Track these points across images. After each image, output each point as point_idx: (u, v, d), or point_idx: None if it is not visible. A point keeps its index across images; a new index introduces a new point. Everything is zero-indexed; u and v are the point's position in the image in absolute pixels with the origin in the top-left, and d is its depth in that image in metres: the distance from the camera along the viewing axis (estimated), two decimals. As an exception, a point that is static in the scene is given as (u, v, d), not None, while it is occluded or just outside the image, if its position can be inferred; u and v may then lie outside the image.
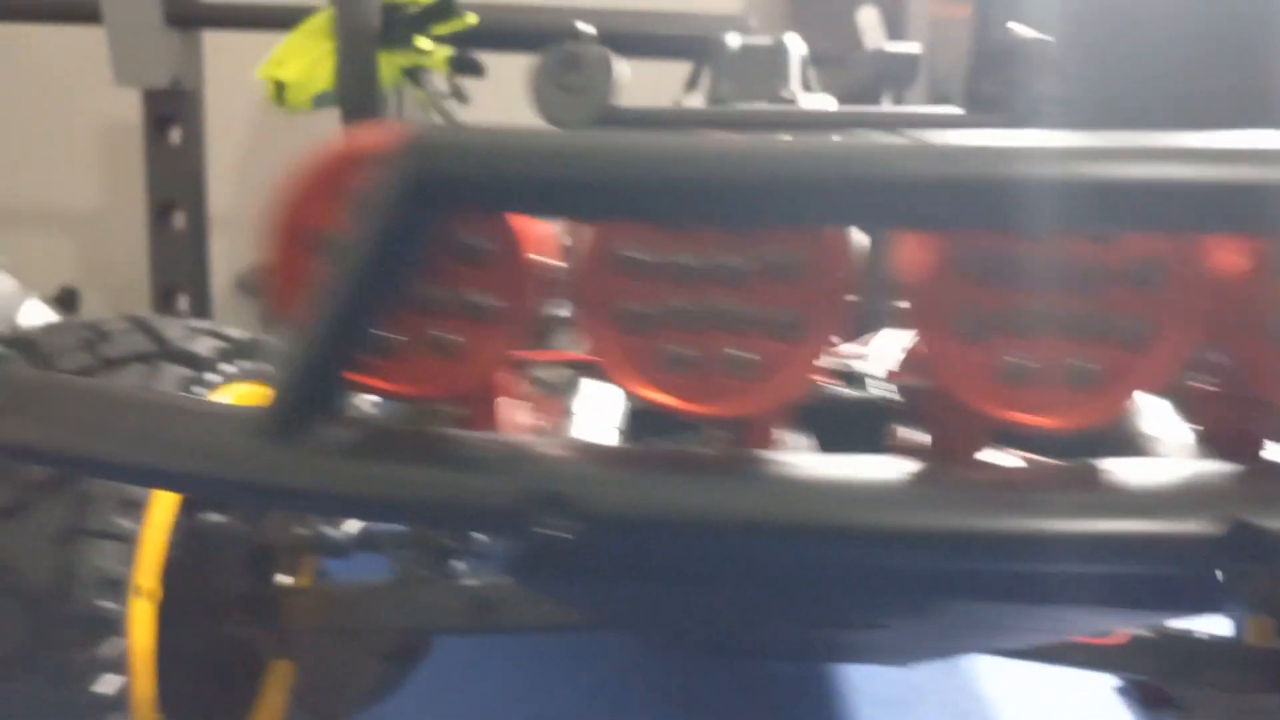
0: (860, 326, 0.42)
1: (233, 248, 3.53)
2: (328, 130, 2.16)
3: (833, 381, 0.46)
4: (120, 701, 0.57)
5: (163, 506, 0.60)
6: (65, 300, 3.44)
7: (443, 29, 1.85)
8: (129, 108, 2.60)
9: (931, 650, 0.63)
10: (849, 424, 0.44)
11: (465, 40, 1.93)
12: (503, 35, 2.15)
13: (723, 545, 0.33)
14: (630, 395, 0.35)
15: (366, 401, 0.42)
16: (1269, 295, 0.34)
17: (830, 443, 0.41)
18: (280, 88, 1.82)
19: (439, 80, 1.94)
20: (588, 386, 0.44)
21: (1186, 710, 0.63)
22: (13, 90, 3.36)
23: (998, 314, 0.33)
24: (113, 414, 0.35)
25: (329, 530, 0.70)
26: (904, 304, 0.34)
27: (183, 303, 2.34)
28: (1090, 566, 0.33)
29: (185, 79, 2.12)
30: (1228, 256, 0.34)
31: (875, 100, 2.55)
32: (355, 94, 1.81)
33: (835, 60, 2.53)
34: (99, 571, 0.55)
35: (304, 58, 1.83)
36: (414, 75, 1.88)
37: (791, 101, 1.24)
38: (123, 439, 0.35)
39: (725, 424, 0.38)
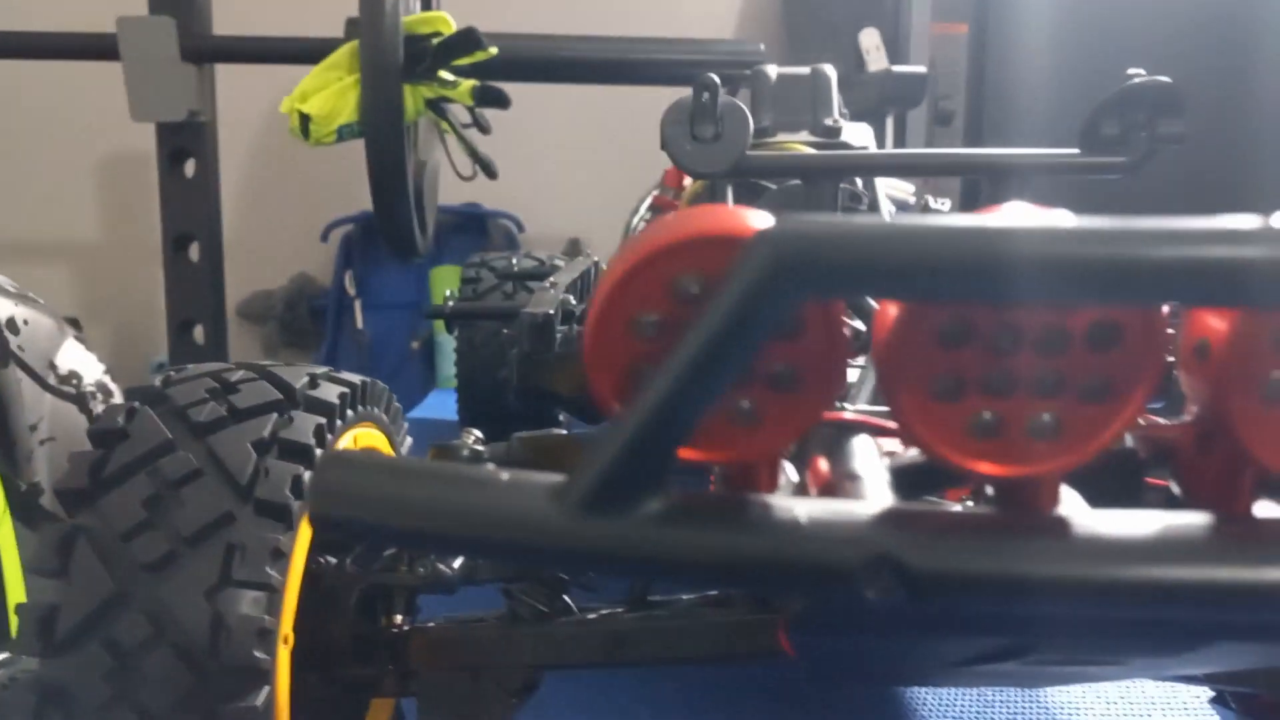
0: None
1: (233, 275, 3.53)
2: (333, 158, 2.17)
3: None
4: (271, 747, 0.58)
5: (300, 553, 0.61)
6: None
7: (465, 61, 1.87)
8: (130, 140, 2.61)
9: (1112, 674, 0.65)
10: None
11: (487, 72, 1.96)
12: (524, 66, 2.18)
13: (1031, 602, 0.35)
14: (930, 457, 0.37)
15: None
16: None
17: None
18: (305, 121, 1.83)
19: (461, 111, 1.96)
20: (854, 445, 0.46)
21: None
22: (9, 123, 3.36)
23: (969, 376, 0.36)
24: (445, 491, 0.37)
25: (442, 567, 0.71)
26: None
27: (199, 334, 2.35)
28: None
29: (201, 111, 2.13)
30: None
31: (881, 121, 2.59)
32: (380, 126, 1.82)
33: (843, 80, 2.57)
34: (251, 621, 0.56)
35: (327, 91, 1.84)
36: (437, 107, 1.90)
37: (836, 130, 1.26)
38: (460, 517, 0.36)
39: (1014, 484, 0.39)
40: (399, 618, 0.71)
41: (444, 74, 1.88)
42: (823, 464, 0.44)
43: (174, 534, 0.57)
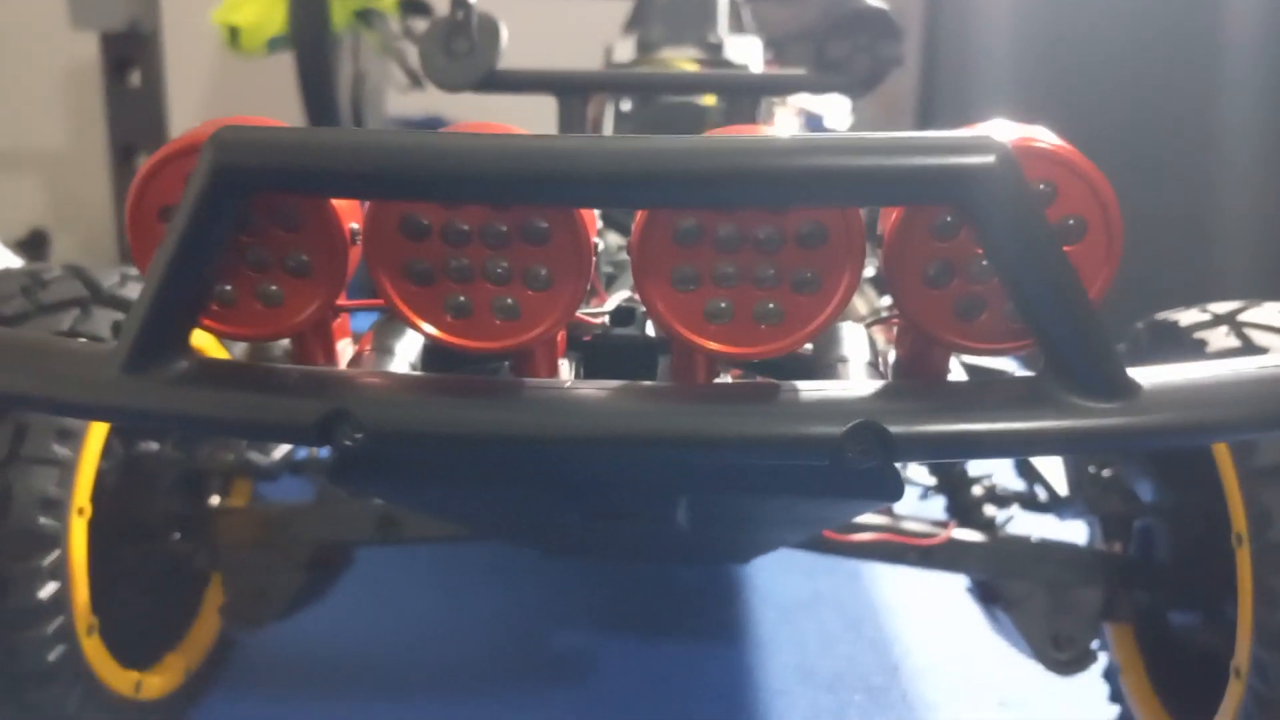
0: None
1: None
2: (284, 69, 2.19)
3: (603, 321, 0.54)
4: (59, 606, 0.64)
5: (97, 435, 0.67)
6: (35, 242, 3.47)
7: (393, -29, 1.88)
8: (91, 48, 2.62)
9: (733, 547, 0.71)
10: (628, 357, 0.52)
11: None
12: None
13: (472, 453, 0.42)
14: (672, 336, 0.44)
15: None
16: (911, 254, 0.44)
17: (612, 372, 0.49)
18: (235, 33, 1.85)
19: (392, 22, 1.98)
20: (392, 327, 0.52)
21: (1014, 603, 0.71)
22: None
23: (704, 268, 0.41)
24: (11, 357, 0.43)
25: (257, 456, 0.77)
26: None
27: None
28: (752, 459, 0.42)
29: (142, 22, 2.14)
30: (885, 223, 0.43)
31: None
32: (308, 38, 1.84)
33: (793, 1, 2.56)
34: (36, 492, 0.62)
35: (256, 3, 1.86)
36: (366, 18, 1.92)
37: (718, 46, 1.29)
38: (18, 377, 0.43)
39: (499, 357, 0.46)
40: (214, 500, 0.77)
41: (372, -15, 1.89)
42: (368, 341, 0.50)
43: (-34, 416, 0.63)
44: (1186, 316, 0.72)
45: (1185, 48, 2.67)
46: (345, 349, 0.50)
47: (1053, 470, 0.81)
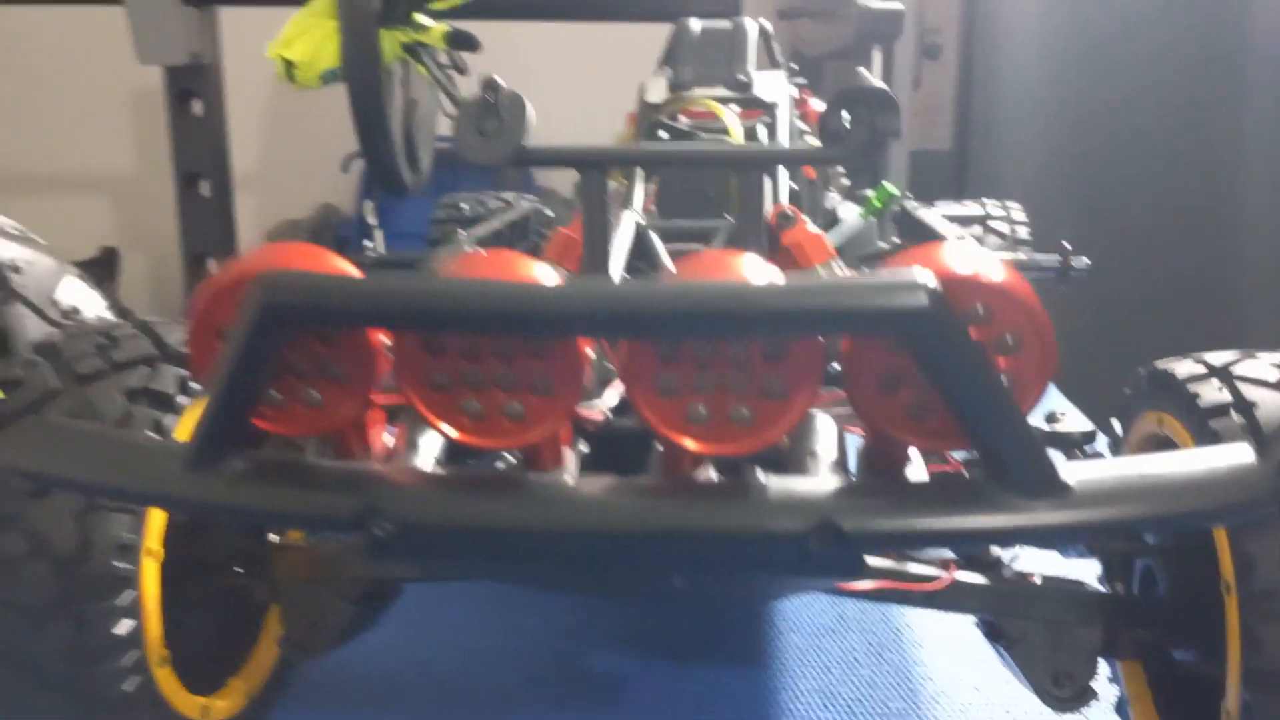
0: None
1: (260, 206, 3.68)
2: (339, 95, 2.26)
3: (605, 413, 0.59)
4: (133, 640, 0.71)
5: (165, 484, 0.74)
6: (106, 260, 3.61)
7: (440, 5, 1.95)
8: (156, 76, 2.72)
9: (731, 601, 0.76)
10: (627, 444, 0.58)
11: (468, 11, 2.03)
12: (501, 5, 2.25)
13: (484, 541, 0.48)
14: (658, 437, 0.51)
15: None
16: (865, 367, 0.49)
17: (614, 457, 0.55)
18: (289, 66, 1.93)
19: (439, 54, 2.04)
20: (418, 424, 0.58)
21: (1015, 641, 0.75)
22: (46, 63, 3.49)
23: (684, 379, 0.47)
24: (89, 448, 0.50)
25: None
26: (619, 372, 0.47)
27: (212, 267, 2.48)
28: (728, 550, 0.47)
29: (204, 54, 2.23)
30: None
31: (866, 55, 2.61)
32: (359, 71, 1.91)
33: (828, 15, 2.59)
34: (113, 538, 0.69)
35: (310, 37, 1.93)
36: (414, 51, 1.98)
37: (747, 84, 1.33)
38: (95, 468, 0.50)
39: (511, 452, 0.51)
40: (273, 537, 0.84)
41: (418, 18, 1.95)
42: (399, 437, 0.56)
43: (51, 469, 0.69)
44: (1183, 367, 0.75)
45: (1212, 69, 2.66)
46: (378, 431, 0.56)
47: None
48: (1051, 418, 0.84)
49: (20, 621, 0.68)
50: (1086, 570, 0.87)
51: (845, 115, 0.66)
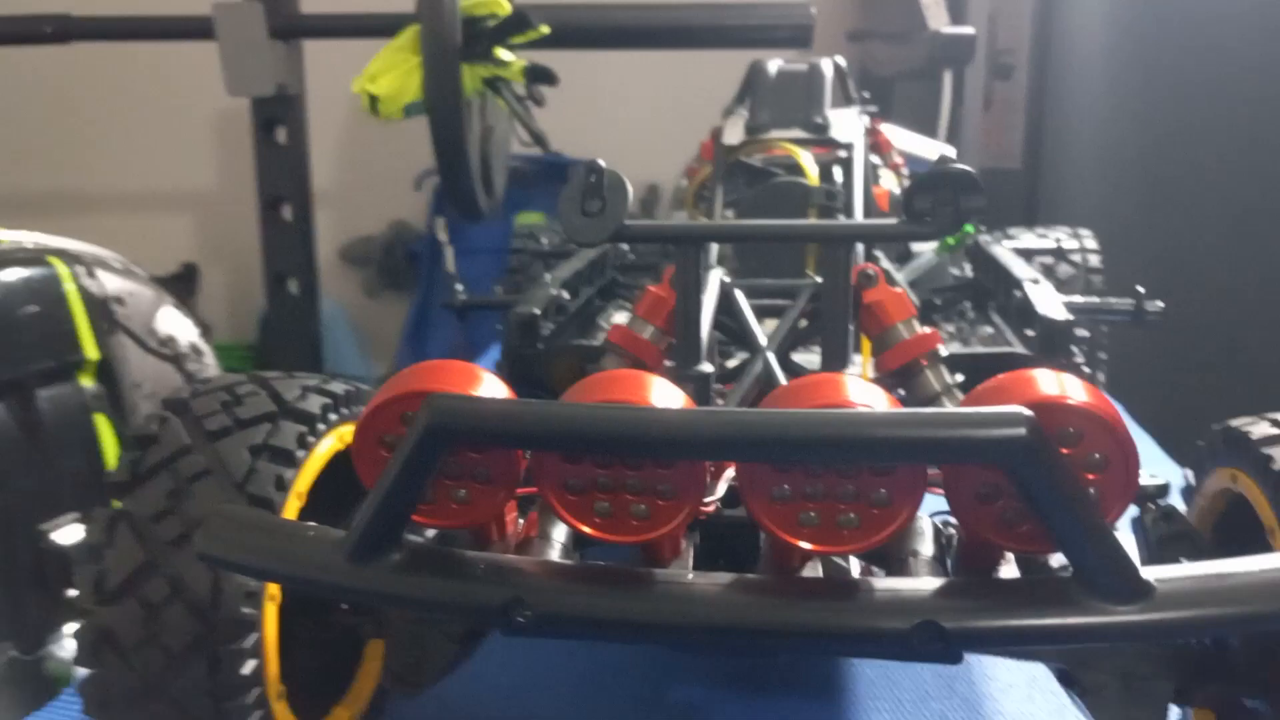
0: None
1: (334, 222, 3.79)
2: (414, 124, 2.32)
3: (716, 504, 0.64)
4: (256, 678, 0.77)
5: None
6: (186, 275, 3.74)
7: (519, 39, 2.01)
8: (238, 98, 2.81)
9: None
10: (736, 534, 0.63)
11: (542, 41, 2.09)
12: (576, 35, 2.30)
13: (613, 629, 0.53)
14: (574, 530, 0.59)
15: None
16: (966, 481, 0.55)
17: (723, 546, 0.61)
18: (374, 101, 2.01)
19: (518, 87, 2.11)
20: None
21: (1089, 691, 0.77)
22: (132, 84, 3.62)
23: (796, 488, 0.51)
24: (268, 539, 0.56)
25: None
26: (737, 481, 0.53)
27: (292, 286, 2.58)
28: (835, 648, 0.52)
29: (289, 85, 2.32)
30: None
31: (938, 77, 2.62)
32: (442, 105, 1.98)
33: (899, 37, 2.61)
34: (242, 585, 0.75)
35: (394, 72, 2.01)
36: (494, 85, 2.05)
37: (824, 127, 1.36)
38: (272, 558, 0.59)
39: (634, 546, 0.57)
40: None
41: (499, 52, 2.02)
42: (533, 526, 0.61)
43: (188, 519, 0.76)
44: (1258, 429, 0.77)
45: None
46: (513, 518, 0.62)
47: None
48: (1125, 471, 0.87)
49: (166, 661, 0.74)
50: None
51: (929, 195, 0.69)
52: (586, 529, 0.58)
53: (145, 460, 0.79)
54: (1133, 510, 0.85)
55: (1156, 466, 1.44)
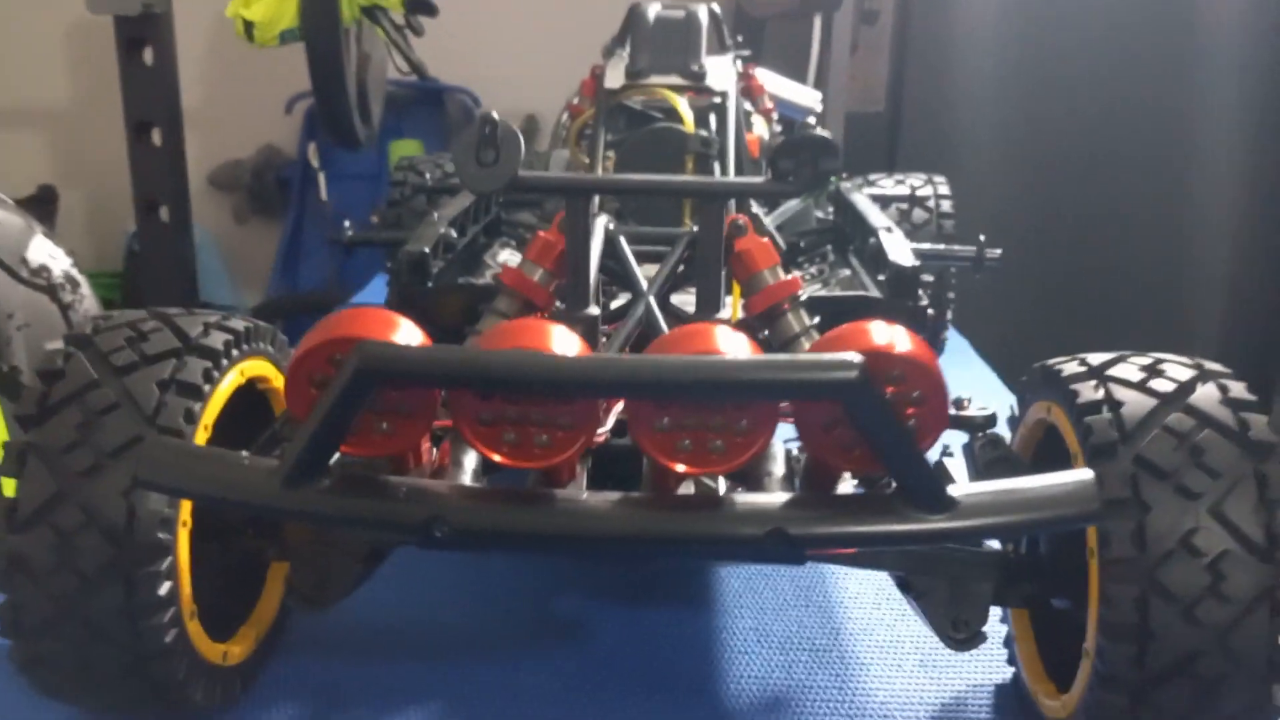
0: None
1: (204, 146, 3.68)
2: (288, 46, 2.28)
3: (609, 438, 0.73)
4: (171, 599, 0.82)
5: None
6: (44, 198, 3.58)
7: (397, -32, 2.01)
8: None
9: None
10: (624, 459, 0.72)
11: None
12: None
13: (520, 541, 0.62)
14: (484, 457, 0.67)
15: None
16: (812, 414, 0.67)
17: (612, 470, 0.70)
18: (249, 26, 1.98)
19: (395, 16, 2.10)
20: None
21: (921, 594, 0.89)
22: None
23: (674, 420, 0.60)
24: (206, 467, 0.65)
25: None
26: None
27: (163, 213, 2.52)
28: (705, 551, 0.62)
29: (155, 3, 2.25)
30: None
31: (808, 19, 2.71)
32: (318, 32, 1.97)
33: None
34: (156, 513, 0.80)
35: (269, -1, 1.98)
36: (372, 14, 2.04)
37: (701, 75, 1.44)
38: (211, 484, 0.67)
39: (536, 471, 0.65)
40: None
41: (378, -18, 2.01)
42: (445, 454, 0.69)
43: (99, 450, 0.80)
44: (1069, 367, 0.89)
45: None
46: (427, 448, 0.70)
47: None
48: (958, 403, 0.99)
49: (80, 584, 0.78)
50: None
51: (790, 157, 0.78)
52: (496, 456, 0.67)
53: (52, 395, 0.82)
54: (964, 437, 0.97)
55: (995, 396, 1.59)
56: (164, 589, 0.81)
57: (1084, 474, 0.70)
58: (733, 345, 0.67)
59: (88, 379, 0.82)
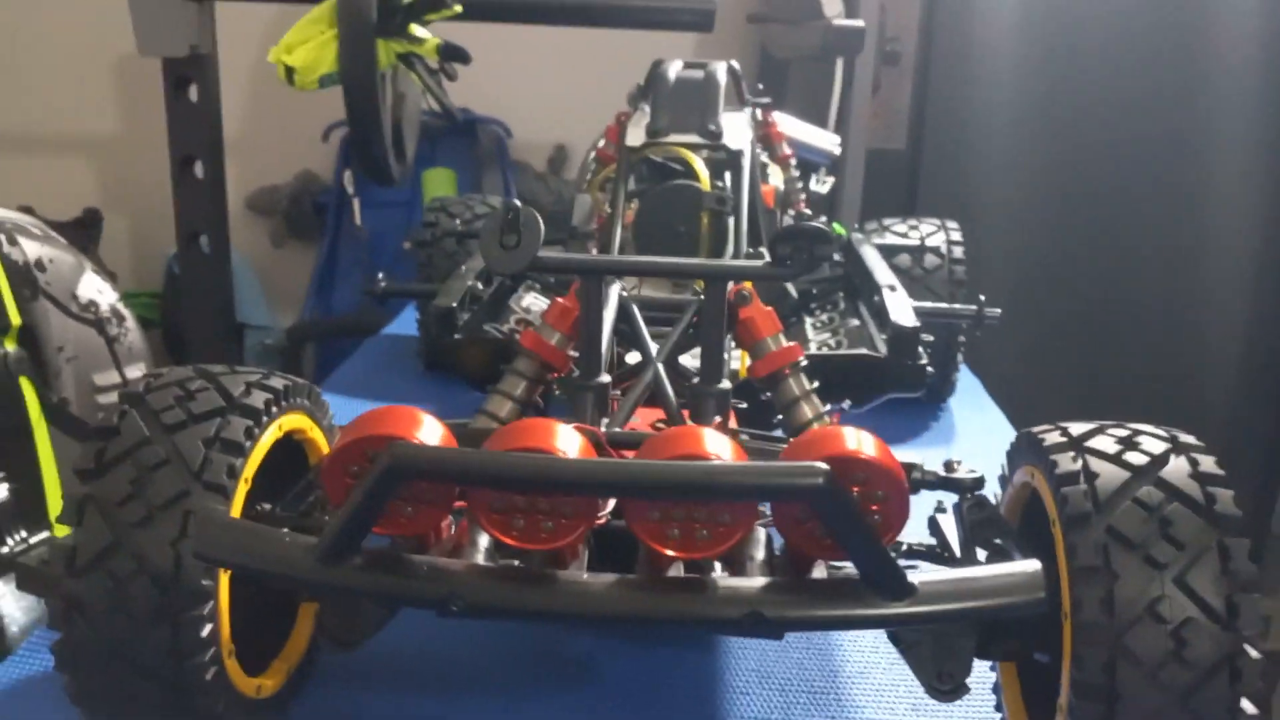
0: None
1: (243, 172, 3.79)
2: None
3: (608, 515, 0.80)
4: (212, 639, 0.89)
5: (235, 511, 0.92)
6: (89, 221, 3.70)
7: (434, 17, 2.09)
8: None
9: None
10: (621, 540, 0.79)
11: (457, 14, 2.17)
12: (490, 9, 2.38)
13: (526, 615, 0.69)
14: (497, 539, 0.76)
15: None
16: (788, 508, 0.76)
17: (610, 549, 0.77)
18: (290, 71, 2.07)
19: (430, 62, 2.18)
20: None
21: (908, 647, 0.95)
22: (32, 22, 3.55)
23: (664, 512, 0.67)
24: (251, 541, 0.75)
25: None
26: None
27: (204, 243, 2.62)
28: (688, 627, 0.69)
29: (202, 45, 2.35)
30: None
31: (831, 61, 2.77)
32: (356, 77, 2.06)
33: (796, 23, 2.75)
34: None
35: (310, 44, 2.07)
36: (407, 60, 2.13)
37: (718, 135, 1.51)
38: (257, 559, 0.76)
39: (543, 552, 0.72)
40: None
41: (414, 29, 2.09)
42: (464, 533, 0.77)
43: (150, 503, 0.87)
44: (1050, 437, 0.95)
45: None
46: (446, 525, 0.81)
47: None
48: (948, 465, 1.04)
49: (130, 626, 0.86)
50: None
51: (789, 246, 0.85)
52: (507, 540, 0.76)
53: (108, 450, 0.90)
54: (954, 498, 1.03)
55: (1002, 440, 1.64)
56: (206, 630, 0.88)
57: (1031, 565, 0.78)
58: (717, 448, 0.76)
59: (140, 436, 0.90)
